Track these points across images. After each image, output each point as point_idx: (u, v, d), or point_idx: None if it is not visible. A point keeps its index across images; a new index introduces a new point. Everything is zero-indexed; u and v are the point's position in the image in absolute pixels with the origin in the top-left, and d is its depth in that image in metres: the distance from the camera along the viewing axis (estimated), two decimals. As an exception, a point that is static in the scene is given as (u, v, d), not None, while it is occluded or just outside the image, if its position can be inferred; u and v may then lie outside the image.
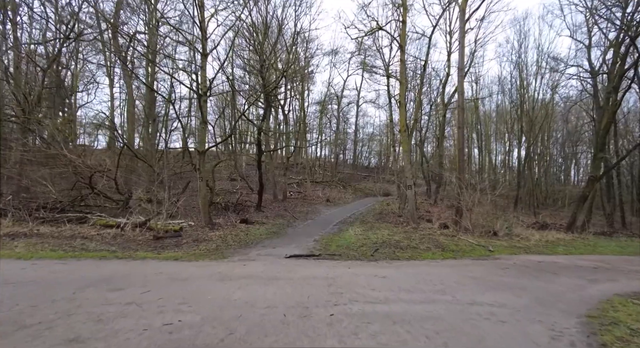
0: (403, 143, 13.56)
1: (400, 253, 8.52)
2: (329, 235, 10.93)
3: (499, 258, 8.80)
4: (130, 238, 8.72)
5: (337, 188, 26.96)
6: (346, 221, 14.85)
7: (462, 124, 14.67)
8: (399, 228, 13.12)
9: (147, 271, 5.13)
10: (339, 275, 5.46)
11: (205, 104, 10.81)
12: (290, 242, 9.52)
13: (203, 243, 8.61)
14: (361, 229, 12.06)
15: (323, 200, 21.84)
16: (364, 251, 8.54)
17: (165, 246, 8.20)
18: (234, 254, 7.55)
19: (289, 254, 7.53)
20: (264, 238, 10.00)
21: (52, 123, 9.71)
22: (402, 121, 13.45)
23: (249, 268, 5.90)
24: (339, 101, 35.59)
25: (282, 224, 13.07)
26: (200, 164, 10.79)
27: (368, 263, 7.14)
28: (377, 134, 45.81)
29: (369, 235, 10.94)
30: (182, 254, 7.26)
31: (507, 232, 12.06)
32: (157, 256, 6.92)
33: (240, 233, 10.36)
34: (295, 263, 6.75)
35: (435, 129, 29.98)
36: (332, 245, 9.14)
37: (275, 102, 17.17)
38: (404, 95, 13.62)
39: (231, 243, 8.83)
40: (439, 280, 5.52)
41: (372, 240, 10.04)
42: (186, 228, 10.60)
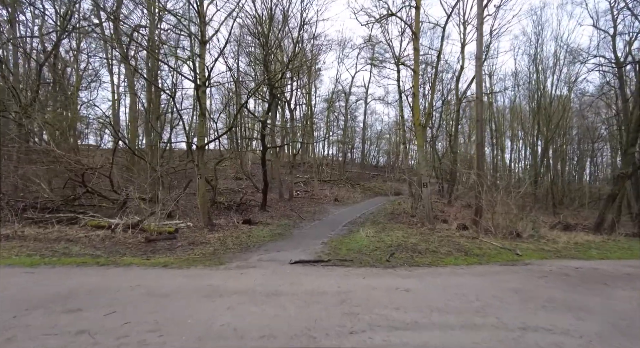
0: (417, 137, 12.57)
1: (419, 259, 7.57)
2: (339, 237, 10.02)
3: (530, 263, 7.80)
4: (120, 241, 7.92)
5: (345, 187, 26.03)
6: (356, 221, 13.92)
7: (480, 116, 13.61)
8: (414, 229, 12.14)
9: (122, 284, 4.27)
10: (352, 288, 4.55)
11: (204, 95, 9.98)
12: (296, 245, 8.63)
13: (199, 247, 7.78)
14: (373, 230, 11.12)
15: (331, 199, 20.93)
16: (378, 256, 7.60)
17: (157, 249, 7.38)
18: (232, 259, 6.69)
19: (294, 260, 6.64)
20: (268, 241, 9.14)
21: (40, 117, 8.96)
22: (416, 113, 12.47)
23: (246, 278, 5.01)
24: (347, 97, 34.66)
25: (287, 225, 12.20)
26: (199, 160, 9.97)
27: (384, 270, 6.21)
28: (385, 133, 44.79)
29: (382, 237, 10.00)
30: (174, 259, 6.42)
31: (534, 234, 11.01)
32: (145, 262, 6.08)
33: (242, 234, 9.51)
34: (301, 270, 5.85)
35: (447, 125, 28.89)
36: (343, 249, 8.23)
37: (280, 96, 16.30)
38: (418, 86, 12.64)
39: (231, 247, 7.97)
40: (474, 293, 4.58)
41: (386, 243, 9.10)
42: (184, 229, 9.79)
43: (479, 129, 13.48)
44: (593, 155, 33.23)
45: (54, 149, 8.67)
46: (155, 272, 5.22)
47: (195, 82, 9.65)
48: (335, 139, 39.26)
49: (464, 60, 20.83)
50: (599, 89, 22.71)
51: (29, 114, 9.42)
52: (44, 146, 8.76)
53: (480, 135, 13.44)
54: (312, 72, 20.90)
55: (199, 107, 9.94)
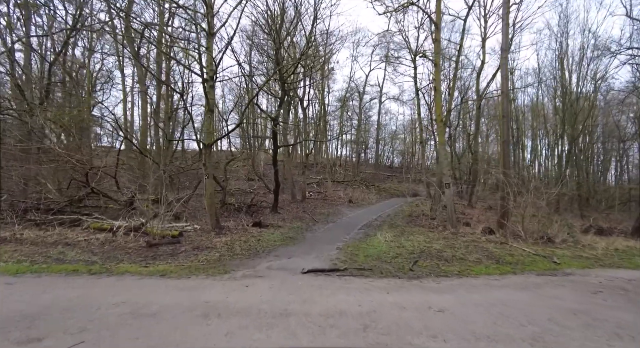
0: (439, 134, 11.73)
1: (446, 267, 6.78)
2: (355, 242, 9.29)
3: (571, 273, 6.92)
4: (120, 245, 7.38)
5: (359, 188, 25.22)
6: (372, 224, 13.15)
7: (506, 112, 12.66)
8: (435, 233, 11.30)
9: (105, 299, 3.66)
10: (376, 307, 3.82)
11: (212, 90, 9.41)
12: (308, 250, 7.94)
13: (204, 252, 7.16)
14: (391, 234, 10.34)
15: (345, 201, 20.17)
16: (400, 263, 6.85)
17: (158, 255, 6.80)
18: (239, 267, 6.04)
19: (307, 268, 5.94)
20: (278, 245, 8.47)
21: (42, 115, 8.54)
22: (438, 109, 11.63)
23: (251, 292, 4.35)
24: (361, 96, 33.82)
25: (300, 227, 11.52)
26: (206, 158, 9.40)
27: (409, 282, 5.46)
28: (400, 132, 43.70)
29: (402, 242, 9.23)
30: (174, 267, 5.82)
31: (571, 239, 10.02)
32: (141, 270, 5.49)
33: (251, 238, 8.87)
34: (314, 281, 5.16)
35: (466, 123, 27.77)
36: (360, 255, 7.50)
37: (293, 94, 15.68)
38: (439, 79, 11.80)
39: (238, 252, 7.34)
40: (523, 314, 3.79)
41: (407, 249, 8.32)
42: (190, 232, 9.23)
43: (504, 125, 12.54)
44: (620, 155, 31.44)
45: (55, 147, 8.22)
46: (149, 283, 4.61)
47: (202, 76, 9.09)
48: (348, 139, 38.50)
49: (485, 55, 19.77)
50: (631, 85, 21.26)
51: (33, 113, 9.01)
52: (44, 144, 8.31)
53: (506, 132, 12.49)
54: (325, 70, 20.23)
55: (206, 102, 9.38)
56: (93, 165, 9.33)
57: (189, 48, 10.04)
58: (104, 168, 9.54)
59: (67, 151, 8.49)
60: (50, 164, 8.71)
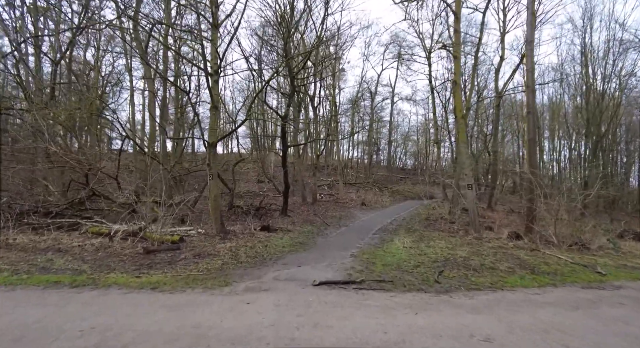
0: (459, 131, 10.89)
1: (476, 278, 5.97)
2: (370, 248, 8.53)
3: (622, 286, 6.01)
4: (115, 251, 6.80)
5: (372, 190, 24.40)
6: (387, 228, 12.35)
7: (532, 108, 11.76)
8: (457, 238, 10.44)
9: (73, 323, 3.02)
10: (405, 335, 3.08)
11: (217, 85, 8.82)
12: (320, 257, 7.23)
13: (205, 260, 6.52)
14: (410, 239, 9.55)
15: (357, 203, 19.40)
16: (423, 274, 6.08)
17: (155, 263, 6.18)
18: (242, 278, 5.37)
19: (319, 280, 5.23)
20: (287, 252, 7.78)
21: (38, 112, 8.09)
22: (458, 104, 10.81)
23: (252, 311, 3.66)
24: (373, 96, 33.01)
25: (311, 232, 10.82)
26: (210, 158, 8.80)
27: (438, 298, 4.70)
28: (412, 134, 42.65)
29: (422, 249, 8.43)
30: (169, 278, 5.18)
31: (610, 245, 9.06)
32: (132, 281, 4.87)
33: (258, 244, 8.20)
34: (328, 296, 4.44)
35: (482, 123, 26.70)
36: (377, 263, 6.74)
37: (303, 90, 15.03)
38: (459, 72, 10.98)
39: (243, 260, 6.67)
40: (591, 347, 3.01)
41: (429, 257, 7.53)
42: (193, 237, 8.62)
43: (530, 122, 11.62)
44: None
45: (51, 146, 7.74)
46: (135, 299, 3.97)
47: (205, 70, 8.51)
48: (360, 140, 37.75)
49: (504, 50, 18.81)
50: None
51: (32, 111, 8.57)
52: (40, 144, 7.84)
53: (532, 129, 11.56)
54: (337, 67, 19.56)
55: (210, 98, 8.79)
56: (92, 166, 8.82)
57: (192, 39, 9.49)
58: (104, 168, 9.04)
59: (64, 151, 8.00)
60: (46, 165, 8.24)
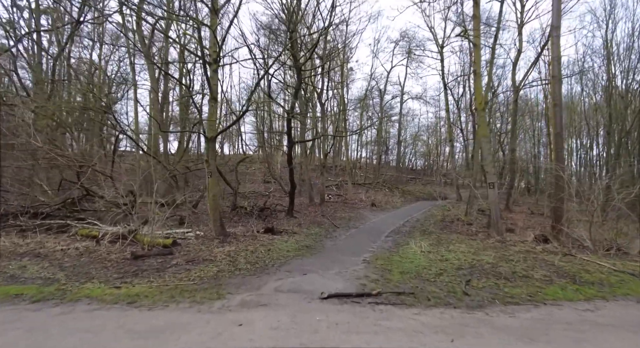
0: (480, 125, 9.99)
1: (509, 289, 5.12)
2: (384, 252, 7.70)
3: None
4: (101, 256, 6.10)
5: (382, 191, 23.52)
6: (400, 230, 11.50)
7: (559, 100, 10.80)
8: (478, 241, 9.54)
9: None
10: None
11: (216, 75, 8.11)
12: (329, 264, 6.43)
13: (199, 266, 5.77)
14: (427, 243, 8.68)
15: (367, 204, 18.54)
16: (448, 284, 5.25)
17: (142, 270, 5.46)
18: (238, 289, 4.61)
19: (328, 293, 4.44)
20: (292, 256, 7.00)
21: (24, 105, 7.47)
22: (478, 95, 9.93)
23: (244, 337, 2.89)
24: (382, 95, 32.13)
25: (318, 234, 10.03)
26: (208, 154, 8.08)
27: (472, 315, 3.88)
28: (422, 134, 41.58)
29: (442, 253, 7.57)
30: (154, 289, 4.44)
31: (655, 251, 8.06)
32: (109, 293, 4.14)
33: (260, 248, 7.44)
34: (338, 315, 3.66)
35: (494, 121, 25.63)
36: (394, 271, 5.93)
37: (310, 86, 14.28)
38: (479, 61, 10.09)
39: (241, 266, 5.91)
40: None
41: (452, 263, 6.68)
42: (190, 240, 7.90)
43: (557, 115, 10.68)
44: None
45: (37, 142, 7.10)
46: (101, 320, 3.23)
47: (202, 58, 7.79)
48: (368, 140, 36.90)
49: (522, 43, 17.83)
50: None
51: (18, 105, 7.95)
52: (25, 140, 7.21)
53: (559, 122, 10.62)
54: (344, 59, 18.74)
55: (209, 89, 8.08)
56: (83, 163, 8.17)
57: (191, 25, 8.79)
58: (94, 165, 8.38)
59: (51, 147, 7.36)
60: (31, 162, 7.62)
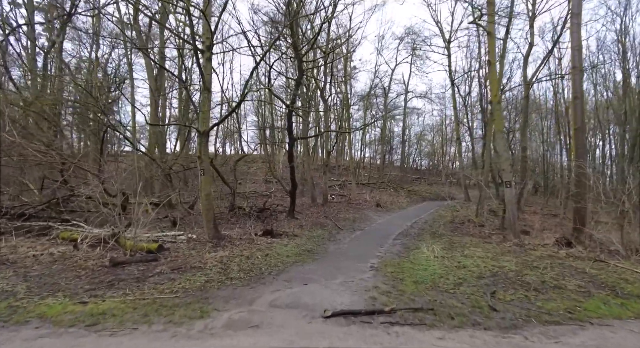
0: (496, 118, 9.24)
1: (543, 302, 4.40)
2: (394, 258, 6.98)
3: None
4: (76, 264, 5.43)
5: (386, 191, 22.79)
6: (409, 233, 10.78)
7: (580, 92, 10.09)
8: (494, 244, 8.80)
9: None
10: None
11: (209, 63, 7.44)
12: (332, 271, 5.73)
13: (186, 274, 5.08)
14: (439, 247, 7.95)
15: (372, 205, 17.82)
16: (470, 296, 4.53)
17: (119, 279, 4.77)
18: (227, 303, 3.93)
19: (332, 310, 3.73)
20: (292, 262, 6.30)
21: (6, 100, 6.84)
22: (494, 87, 9.19)
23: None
24: (386, 93, 31.36)
25: (320, 237, 9.32)
26: (201, 150, 7.40)
27: (507, 340, 3.17)
28: (427, 133, 40.79)
29: (457, 259, 6.85)
30: (128, 303, 3.76)
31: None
32: (70, 310, 3.47)
33: (257, 253, 6.76)
34: (346, 341, 2.97)
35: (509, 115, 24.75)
36: (407, 280, 5.21)
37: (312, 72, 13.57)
38: (494, 51, 9.35)
39: (234, 274, 5.22)
40: None
41: (470, 270, 5.95)
42: (181, 244, 7.22)
43: (577, 109, 9.93)
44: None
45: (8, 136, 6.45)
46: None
47: (194, 45, 7.12)
48: (372, 139, 36.18)
49: (533, 36, 17.03)
50: None
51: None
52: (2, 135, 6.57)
53: (580, 117, 9.87)
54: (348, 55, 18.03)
55: (202, 79, 7.41)
56: (66, 160, 7.52)
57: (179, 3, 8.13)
58: (77, 162, 7.73)
59: (28, 142, 6.72)
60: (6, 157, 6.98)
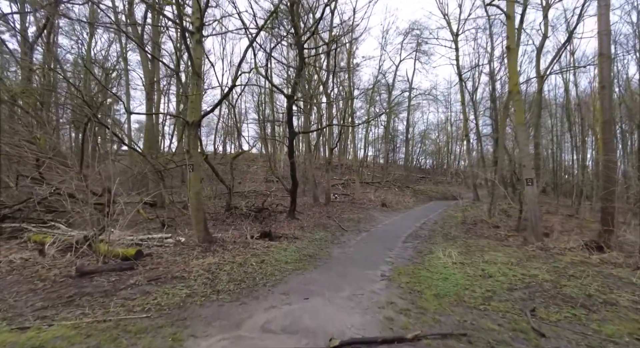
0: (517, 110, 8.38)
1: (599, 325, 3.60)
2: (407, 264, 6.15)
3: None
4: (36, 273, 4.63)
5: (391, 190, 21.93)
6: (419, 234, 9.95)
7: (607, 81, 9.20)
8: (514, 248, 7.95)
9: None
10: None
11: (199, 46, 6.64)
12: (337, 281, 4.91)
13: (165, 286, 4.28)
14: (456, 251, 7.12)
15: (377, 204, 16.98)
16: (506, 314, 3.73)
17: (83, 293, 3.97)
18: (209, 327, 3.12)
19: (340, 339, 2.92)
20: (291, 270, 5.48)
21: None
22: (513, 75, 8.33)
23: None
24: (390, 90, 30.50)
25: (324, 239, 8.50)
26: (190, 143, 6.60)
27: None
28: (430, 132, 39.93)
29: (480, 266, 6.01)
30: (81, 329, 2.96)
31: None
32: (0, 342, 2.67)
33: (252, 258, 5.94)
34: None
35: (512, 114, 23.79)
36: (426, 293, 4.40)
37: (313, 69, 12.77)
38: (513, 35, 8.50)
39: (222, 286, 4.41)
40: None
41: (497, 280, 5.12)
42: (167, 248, 6.42)
43: (605, 99, 9.07)
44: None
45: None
46: None
47: (182, 24, 6.31)
48: (375, 138, 35.41)
49: (547, 27, 16.17)
50: None
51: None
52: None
53: (608, 109, 9.00)
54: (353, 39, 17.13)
55: (190, 63, 6.60)
56: (40, 151, 6.74)
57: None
58: (54, 156, 6.94)
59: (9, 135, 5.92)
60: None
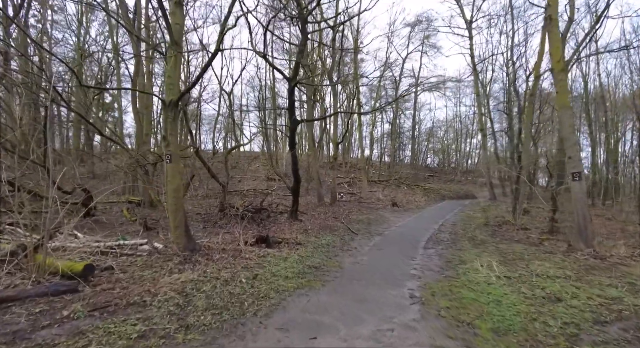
0: (561, 91, 7.03)
1: None
2: (438, 279, 4.85)
3: None
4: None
5: (400, 189, 20.61)
6: (440, 238, 8.65)
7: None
8: (559, 255, 6.61)
9: None
10: None
11: (179, 9, 5.38)
12: (354, 307, 3.62)
13: (113, 319, 3.00)
14: (495, 261, 5.79)
15: (386, 204, 15.68)
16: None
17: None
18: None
19: None
20: (292, 289, 4.19)
21: None
22: (556, 49, 6.97)
23: None
24: (397, 85, 29.20)
25: (331, 245, 7.19)
26: (167, 127, 5.32)
27: None
28: (437, 130, 38.56)
29: (533, 282, 4.68)
30: None
31: None
32: None
33: (242, 272, 4.66)
34: None
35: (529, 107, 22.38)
36: (482, 329, 3.09)
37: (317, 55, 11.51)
38: (556, 3, 7.17)
39: (196, 317, 3.13)
40: None
41: (571, 306, 3.80)
42: (140, 257, 5.15)
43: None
44: None
45: None
46: None
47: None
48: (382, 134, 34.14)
49: (573, 9, 14.76)
50: None
51: None
52: None
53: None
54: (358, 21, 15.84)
55: (168, 31, 5.34)
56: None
57: None
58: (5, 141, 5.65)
59: None
60: None
